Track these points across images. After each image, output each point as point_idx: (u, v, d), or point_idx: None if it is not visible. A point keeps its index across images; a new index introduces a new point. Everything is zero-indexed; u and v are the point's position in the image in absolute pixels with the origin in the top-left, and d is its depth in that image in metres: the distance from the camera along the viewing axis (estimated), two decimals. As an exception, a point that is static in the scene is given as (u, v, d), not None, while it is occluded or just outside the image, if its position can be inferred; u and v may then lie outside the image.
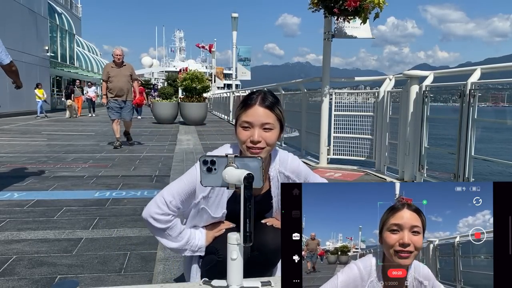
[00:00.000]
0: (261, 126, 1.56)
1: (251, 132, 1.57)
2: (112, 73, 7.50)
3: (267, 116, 1.55)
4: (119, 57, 7.51)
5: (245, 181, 1.25)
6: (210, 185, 1.39)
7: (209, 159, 1.34)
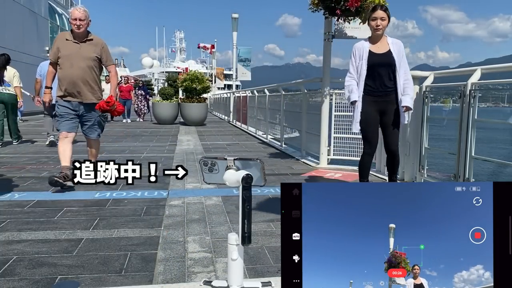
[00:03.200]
0: (381, 18, 3.66)
1: (376, 21, 3.66)
2: (65, 51, 4.22)
3: (383, 14, 3.66)
4: (79, 24, 4.15)
5: (243, 182, 1.26)
6: (212, 182, 1.39)
7: (209, 161, 1.34)
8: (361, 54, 3.75)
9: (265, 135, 9.88)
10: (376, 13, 3.68)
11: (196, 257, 2.46)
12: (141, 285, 2.09)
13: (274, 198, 3.94)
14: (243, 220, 1.28)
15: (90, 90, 4.31)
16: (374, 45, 3.77)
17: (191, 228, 3.02)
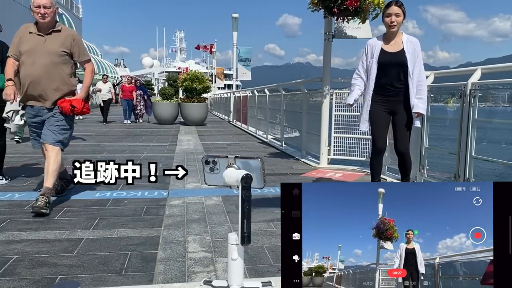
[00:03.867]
0: (395, 14, 3.53)
1: (390, 18, 3.54)
2: (27, 45, 3.53)
3: (398, 9, 3.53)
4: (44, 13, 3.43)
5: (243, 182, 1.25)
6: (213, 183, 1.39)
7: (211, 160, 1.34)
8: (373, 51, 3.65)
9: (265, 135, 9.88)
10: (391, 9, 3.55)
11: (196, 257, 2.47)
12: (141, 285, 2.10)
13: (274, 198, 3.94)
14: (243, 220, 1.28)
15: (56, 92, 3.50)
16: (388, 43, 3.65)
17: (191, 228, 3.02)
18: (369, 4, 4.92)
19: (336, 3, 4.87)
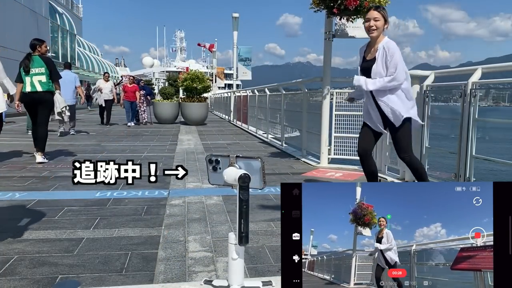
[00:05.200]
0: (374, 19, 3.37)
1: (369, 22, 3.37)
2: None
3: (377, 14, 3.37)
4: None
5: (240, 181, 1.25)
6: (216, 183, 1.39)
7: (214, 159, 1.34)
8: (360, 58, 3.62)
9: (265, 135, 9.88)
10: (370, 13, 3.44)
11: (197, 257, 2.47)
12: (142, 284, 2.10)
13: (275, 198, 3.94)
14: (240, 220, 1.27)
15: None
16: (369, 50, 3.56)
17: (191, 228, 3.02)
18: (370, 2, 4.91)
19: (336, 3, 4.87)
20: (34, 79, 5.59)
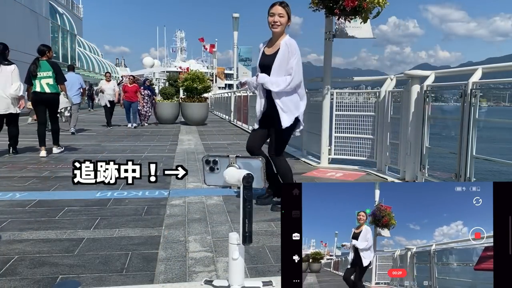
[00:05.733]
0: (278, 15, 3.30)
1: (273, 17, 3.31)
2: None
3: (282, 10, 3.31)
4: None
5: (244, 181, 1.25)
6: (213, 184, 1.39)
7: (212, 159, 1.34)
8: (259, 52, 3.53)
9: (266, 135, 9.87)
10: (274, 8, 3.33)
11: (197, 257, 2.47)
12: (142, 284, 2.10)
13: (275, 198, 3.93)
14: (244, 220, 1.28)
15: None
16: (270, 45, 3.47)
17: (192, 228, 3.02)
18: (369, 3, 4.91)
19: (336, 3, 4.87)
20: (43, 82, 6.24)
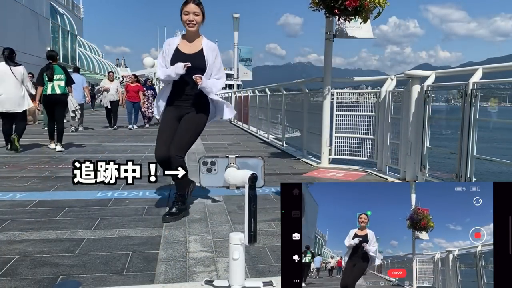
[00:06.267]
0: (194, 13, 3.21)
1: (189, 16, 3.21)
2: None
3: (196, 8, 3.22)
4: None
5: (250, 181, 1.26)
6: (210, 185, 1.39)
7: (209, 160, 1.34)
8: (169, 50, 3.31)
9: (266, 135, 9.88)
10: (188, 7, 3.21)
11: (198, 257, 2.47)
12: (143, 284, 2.10)
13: (275, 198, 3.94)
14: (250, 219, 1.28)
15: None
16: (185, 44, 3.33)
17: (192, 228, 3.02)
18: (370, 3, 4.91)
19: (337, 3, 4.87)
20: (55, 84, 6.89)
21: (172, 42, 3.37)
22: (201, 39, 3.37)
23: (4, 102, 6.60)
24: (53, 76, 6.85)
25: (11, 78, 6.60)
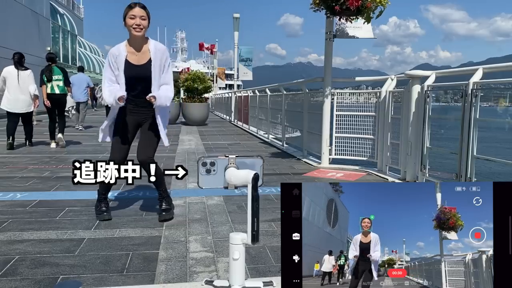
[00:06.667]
0: (140, 17, 3.02)
1: (135, 20, 3.01)
2: None
3: (142, 12, 3.04)
4: None
5: (253, 181, 1.26)
6: (209, 186, 1.39)
7: (209, 161, 1.34)
8: (118, 62, 3.10)
9: (266, 135, 9.88)
10: (134, 10, 3.02)
11: (198, 257, 2.47)
12: (143, 284, 2.10)
13: (275, 198, 3.94)
14: (253, 219, 1.28)
15: None
16: (133, 53, 3.13)
17: (192, 228, 3.02)
18: (372, 2, 4.91)
19: (339, 2, 4.87)
20: (54, 84, 7.47)
21: (119, 53, 3.10)
22: (148, 44, 3.15)
23: (15, 103, 7.15)
24: (52, 77, 7.41)
25: (20, 81, 7.11)
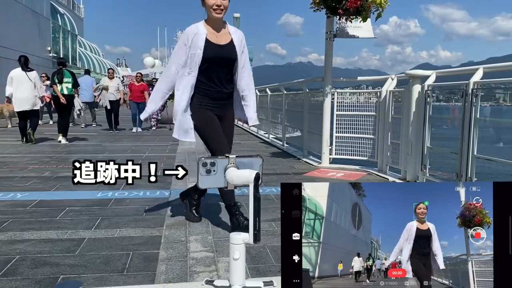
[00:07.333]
0: None
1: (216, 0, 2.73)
2: None
3: None
4: None
5: (254, 181, 1.26)
6: (209, 186, 1.39)
7: (209, 161, 1.34)
8: (195, 41, 2.83)
9: (267, 135, 9.88)
10: None
11: (198, 257, 2.47)
12: (143, 284, 2.10)
13: (275, 198, 3.94)
14: (255, 218, 1.28)
15: None
16: (213, 33, 2.88)
17: (193, 228, 3.02)
18: (371, 3, 4.92)
19: (339, 4, 4.88)
20: (63, 86, 8.27)
21: (198, 31, 2.84)
22: (227, 27, 2.94)
23: (22, 102, 7.92)
24: (62, 80, 8.26)
25: (27, 81, 7.88)
